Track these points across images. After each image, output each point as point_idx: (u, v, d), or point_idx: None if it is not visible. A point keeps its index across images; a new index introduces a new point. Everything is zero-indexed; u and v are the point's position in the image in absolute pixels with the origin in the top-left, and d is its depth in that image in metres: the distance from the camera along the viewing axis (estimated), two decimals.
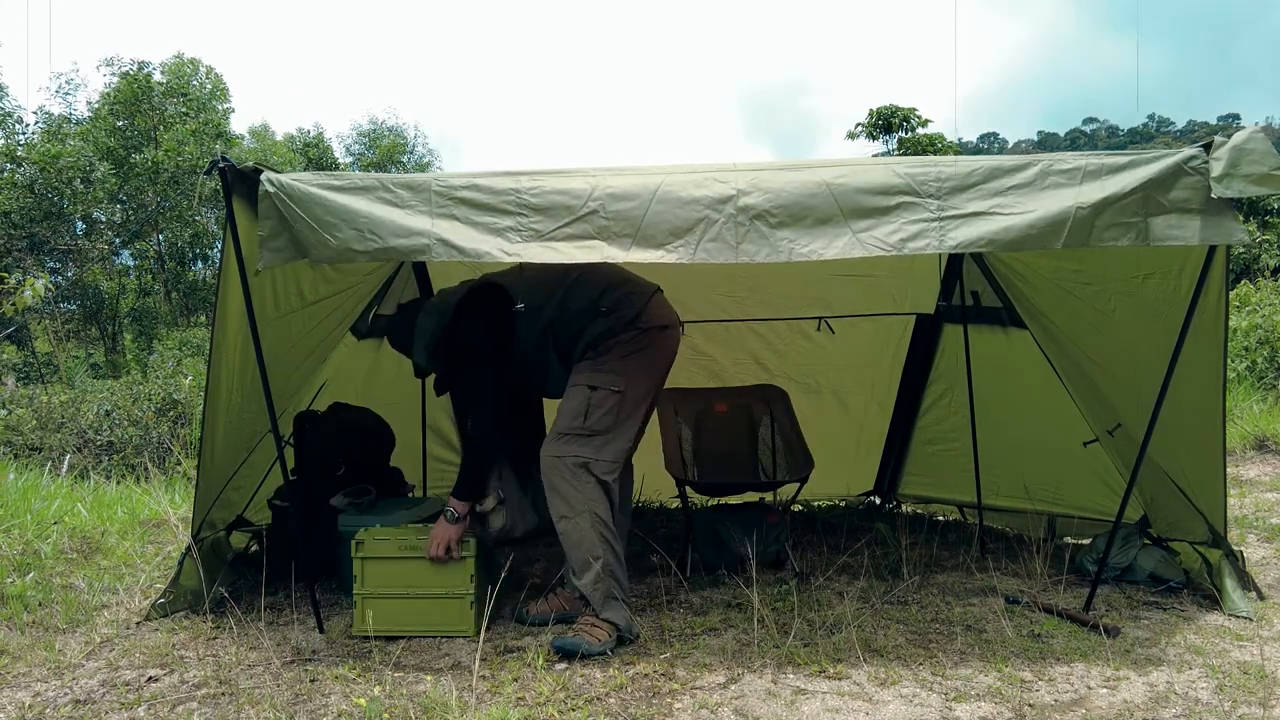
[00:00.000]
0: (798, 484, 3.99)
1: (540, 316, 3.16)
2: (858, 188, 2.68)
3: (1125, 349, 3.48)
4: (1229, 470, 4.55)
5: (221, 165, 2.71)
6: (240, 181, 2.76)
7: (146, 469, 7.34)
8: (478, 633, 2.86)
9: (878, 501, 5.33)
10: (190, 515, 3.59)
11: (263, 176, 2.68)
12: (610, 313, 3.11)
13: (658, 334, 3.17)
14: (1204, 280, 2.81)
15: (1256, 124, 2.66)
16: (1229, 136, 2.60)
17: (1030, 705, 2.48)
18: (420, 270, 4.61)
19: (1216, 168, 2.55)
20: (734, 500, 4.28)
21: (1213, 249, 2.75)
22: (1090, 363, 3.70)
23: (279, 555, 3.58)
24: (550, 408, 3.28)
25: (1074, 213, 2.58)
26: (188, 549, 3.41)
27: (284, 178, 2.69)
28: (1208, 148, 2.61)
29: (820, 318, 4.84)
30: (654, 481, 4.98)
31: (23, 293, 5.67)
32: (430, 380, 4.89)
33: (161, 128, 23.40)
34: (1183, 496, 3.47)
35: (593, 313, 3.12)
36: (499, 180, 2.72)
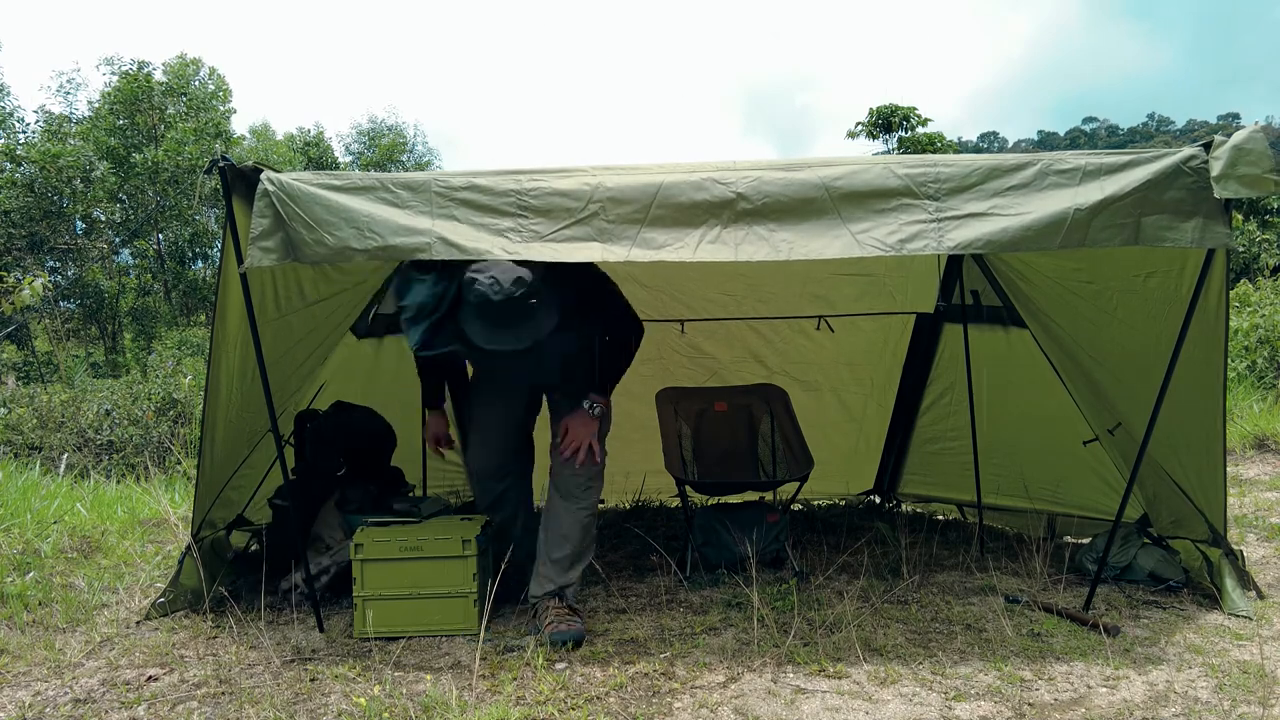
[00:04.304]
0: (798, 483, 3.99)
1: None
2: (856, 189, 2.68)
3: (1126, 348, 3.47)
4: (1228, 470, 4.55)
5: (221, 164, 2.71)
6: (240, 181, 2.75)
7: (146, 468, 7.34)
8: (480, 631, 2.86)
9: (877, 500, 5.33)
10: (190, 514, 3.59)
11: (262, 175, 2.67)
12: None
13: None
14: (1204, 280, 2.81)
15: (1257, 122, 2.65)
16: (1228, 136, 2.60)
17: (1030, 704, 2.48)
18: None
19: (1216, 167, 2.55)
20: (734, 500, 4.28)
21: (1212, 249, 2.74)
22: (1091, 361, 3.70)
23: (279, 554, 3.58)
24: None
25: (1071, 214, 2.58)
26: (188, 548, 3.41)
27: (283, 176, 2.69)
28: (1208, 147, 2.61)
29: (820, 316, 4.84)
30: (654, 481, 5.00)
31: (21, 291, 5.68)
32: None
33: (162, 127, 23.41)
34: (1183, 495, 3.47)
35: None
36: (499, 180, 2.72)
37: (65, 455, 7.66)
